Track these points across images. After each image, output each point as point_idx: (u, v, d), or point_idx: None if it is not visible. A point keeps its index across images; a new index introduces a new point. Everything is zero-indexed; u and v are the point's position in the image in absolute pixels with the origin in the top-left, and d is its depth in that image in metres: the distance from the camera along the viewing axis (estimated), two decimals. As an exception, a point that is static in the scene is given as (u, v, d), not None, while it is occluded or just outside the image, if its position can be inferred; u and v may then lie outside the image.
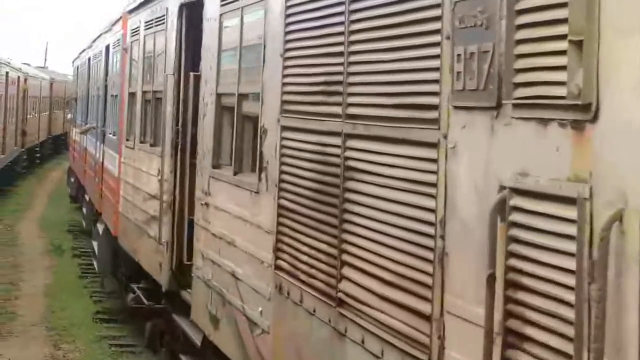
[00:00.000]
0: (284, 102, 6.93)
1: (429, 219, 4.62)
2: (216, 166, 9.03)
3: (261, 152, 7.44)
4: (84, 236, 26.01)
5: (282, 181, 6.92)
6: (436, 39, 4.61)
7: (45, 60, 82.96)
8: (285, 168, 6.87)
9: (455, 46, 4.41)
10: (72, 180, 33.67)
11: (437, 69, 4.59)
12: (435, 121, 4.59)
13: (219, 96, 9.00)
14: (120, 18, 16.75)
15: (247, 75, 8.15)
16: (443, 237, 4.48)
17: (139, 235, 13.04)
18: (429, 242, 4.61)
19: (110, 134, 18.23)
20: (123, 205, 14.68)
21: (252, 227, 7.66)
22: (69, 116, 38.14)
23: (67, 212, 32.46)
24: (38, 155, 49.41)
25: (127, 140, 14.57)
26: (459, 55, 4.37)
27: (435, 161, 4.58)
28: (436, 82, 4.60)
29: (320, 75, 6.21)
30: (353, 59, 5.67)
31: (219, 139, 9.02)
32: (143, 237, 12.72)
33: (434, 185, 4.58)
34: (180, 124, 10.92)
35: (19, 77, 38.01)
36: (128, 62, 14.74)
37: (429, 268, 4.61)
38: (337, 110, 5.85)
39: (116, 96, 17.40)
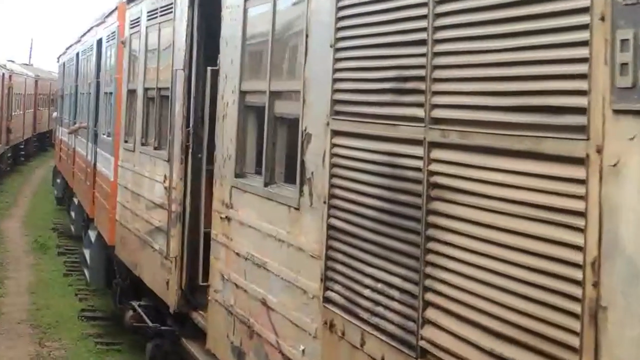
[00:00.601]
0: (335, 102, 5.81)
1: (571, 258, 3.51)
2: (240, 174, 7.91)
3: (302, 161, 6.32)
4: (71, 240, 25.19)
5: (333, 196, 5.79)
6: (582, 19, 3.50)
7: (30, 57, 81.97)
8: (337, 181, 5.75)
9: (617, 29, 3.29)
10: (58, 181, 32.42)
11: (583, 60, 3.48)
12: (582, 129, 3.47)
13: (243, 94, 7.87)
14: (115, 9, 15.57)
15: (281, 70, 7.03)
16: (596, 285, 3.37)
17: (140, 247, 11.89)
18: (573, 290, 3.49)
19: (104, 134, 17.05)
20: (120, 212, 13.52)
21: (290, 248, 6.54)
22: (54, 114, 36.87)
23: (51, 209, 32.17)
24: (22, 152, 49.10)
25: (126, 141, 13.41)
26: (624, 41, 3.25)
27: (582, 182, 3.47)
28: (582, 76, 3.49)
29: (390, 69, 5.09)
30: (441, 48, 4.55)
31: (242, 143, 7.90)
32: (145, 249, 11.57)
33: (580, 214, 3.47)
34: (191, 124, 9.78)
35: (3, 74, 37.65)
36: (126, 56, 13.58)
37: (573, 324, 3.49)
38: (416, 112, 4.74)
39: (110, 93, 16.23)
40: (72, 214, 25.47)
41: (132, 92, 13.25)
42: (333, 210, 5.78)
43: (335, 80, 5.82)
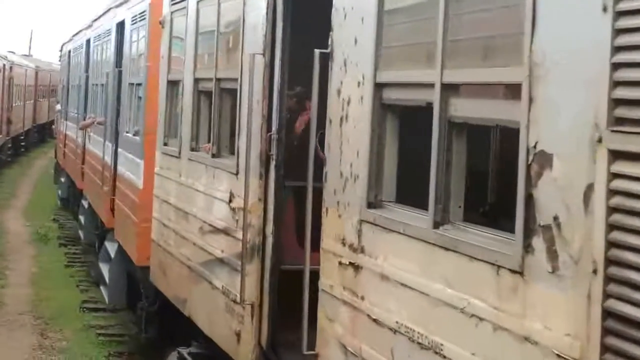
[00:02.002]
0: (616, 103, 3.44)
1: None
2: (375, 204, 5.52)
3: (529, 197, 3.94)
4: (72, 231, 25.06)
5: (615, 263, 3.43)
6: None
7: (30, 47, 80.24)
8: (625, 238, 3.38)
9: None
10: (63, 180, 30.08)
11: None
12: None
13: (379, 87, 5.48)
14: (146, -16, 13.18)
15: (466, 49, 4.64)
16: None
17: (191, 280, 9.49)
18: None
19: (128, 132, 14.65)
20: (159, 230, 11.11)
21: (500, 334, 4.15)
22: (58, 107, 34.43)
23: (52, 200, 31.87)
24: (23, 143, 48.83)
25: (165, 144, 10.98)
26: None
27: None
28: None
29: None
30: None
31: (379, 159, 5.52)
32: (199, 284, 9.18)
33: None
34: (274, 128, 7.39)
35: (4, 65, 37.13)
36: (165, 40, 11.15)
37: None
38: None
39: (138, 85, 13.83)
40: (81, 219, 23.17)
41: (174, 84, 10.82)
42: (616, 287, 3.41)
43: (617, 67, 3.45)
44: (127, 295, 15.61)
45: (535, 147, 3.93)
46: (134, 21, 14.39)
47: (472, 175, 4.84)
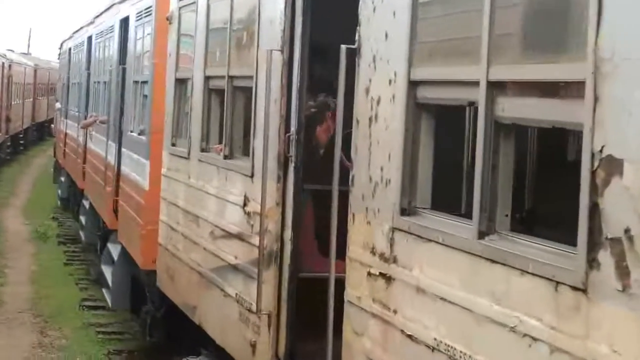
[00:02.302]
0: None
1: None
2: (408, 211, 5.15)
3: (593, 207, 3.57)
4: (72, 230, 25.03)
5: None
6: None
7: (29, 46, 79.99)
8: None
9: None
10: (62, 179, 29.67)
11: None
12: None
13: (414, 85, 5.11)
14: (152, -22, 12.79)
15: (519, 46, 4.26)
16: None
17: (202, 286, 9.11)
18: None
19: (133, 131, 14.27)
20: (167, 234, 10.73)
21: (558, 356, 3.78)
22: (57, 105, 34.01)
23: (51, 199, 31.76)
24: (22, 141, 48.87)
25: (173, 144, 10.60)
26: None
27: None
28: None
29: None
30: None
31: (413, 163, 5.15)
32: (210, 291, 8.80)
33: None
34: (293, 128, 7.02)
35: (2, 63, 37.14)
36: (173, 36, 10.77)
37: None
38: None
39: (144, 82, 13.44)
40: (82, 219, 22.77)
41: (182, 82, 10.45)
42: None
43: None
44: (131, 299, 15.28)
45: (601, 151, 3.56)
46: (139, 17, 14.00)
47: (520, 180, 4.45)
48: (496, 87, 4.33)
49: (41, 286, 18.61)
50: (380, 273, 5.37)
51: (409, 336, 5.01)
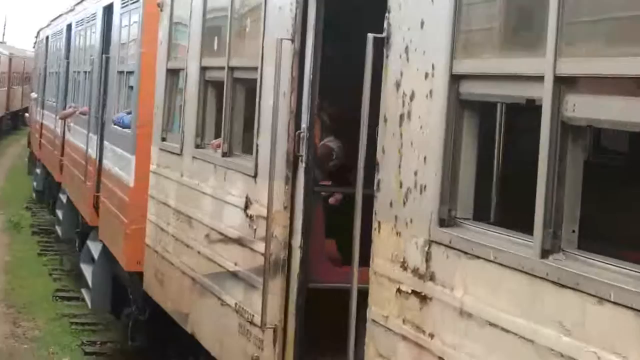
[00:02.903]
0: None
1: None
2: (447, 222, 4.57)
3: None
4: (47, 221, 24.90)
5: None
6: None
7: (3, 34, 79.32)
8: None
9: None
10: (38, 171, 28.94)
11: None
12: None
13: (455, 79, 4.53)
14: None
15: (594, 35, 3.69)
16: None
17: (196, 293, 8.51)
18: None
19: (117, 123, 13.61)
20: (154, 235, 10.13)
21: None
22: (33, 95, 33.23)
23: (25, 189, 31.58)
24: None
25: (164, 139, 9.99)
26: None
27: None
28: None
29: None
30: None
31: (454, 167, 4.57)
32: (205, 299, 8.21)
33: None
34: (304, 125, 6.43)
35: None
36: (164, 24, 10.14)
37: None
38: None
39: (130, 73, 12.81)
40: (59, 213, 22.07)
41: (174, 73, 9.84)
42: None
43: None
44: (112, 300, 14.67)
45: None
46: (125, 4, 13.36)
47: (588, 192, 3.88)
48: (565, 83, 3.75)
49: (14, 276, 18.59)
50: (413, 291, 4.79)
51: (452, 365, 4.44)
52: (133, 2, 12.64)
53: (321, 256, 6.87)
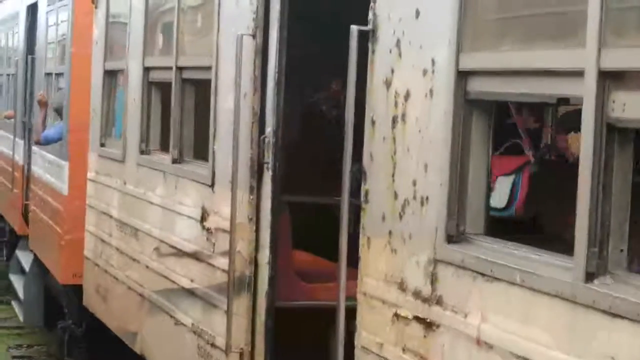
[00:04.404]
0: None
1: None
2: (455, 238, 4.01)
3: None
4: None
5: None
6: None
7: None
8: None
9: None
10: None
11: None
12: None
13: (462, 76, 3.96)
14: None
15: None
16: None
17: (145, 311, 7.86)
18: None
19: (44, 143, 12.83)
20: (94, 247, 9.44)
21: None
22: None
23: None
24: None
25: (103, 145, 9.29)
26: None
27: None
28: None
29: None
30: None
31: (462, 176, 4.01)
32: (157, 318, 7.57)
33: None
34: (270, 129, 5.82)
35: None
36: (100, 21, 9.44)
37: None
38: None
39: (59, 75, 12.07)
40: (-17, 222, 21.20)
41: (112, 74, 9.16)
42: None
43: None
44: (45, 313, 14.00)
45: None
46: (52, 1, 12.59)
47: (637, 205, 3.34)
48: (611, 79, 3.20)
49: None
50: (416, 317, 4.22)
51: (462, 400, 3.88)
52: (61, 0, 11.90)
53: (289, 271, 6.28)
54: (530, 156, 4.72)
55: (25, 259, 14.47)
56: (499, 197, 4.58)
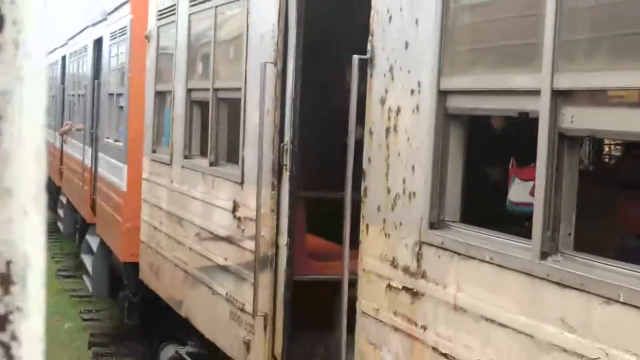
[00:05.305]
0: None
1: None
2: (437, 225, 3.99)
3: None
4: (54, 231, 22.30)
5: None
6: None
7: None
8: None
9: None
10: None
11: None
12: None
13: (443, 95, 3.94)
14: (126, 2, 11.40)
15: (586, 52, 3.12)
16: None
17: (188, 283, 7.84)
18: None
19: (108, 138, 12.86)
20: (148, 233, 9.42)
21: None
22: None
23: None
24: None
25: (154, 151, 9.28)
26: None
27: None
28: None
29: None
30: None
31: (442, 175, 3.99)
32: (197, 288, 7.55)
33: None
34: (287, 138, 5.80)
35: None
36: (152, 53, 9.44)
37: None
38: None
39: (119, 95, 12.06)
40: (60, 212, 21.23)
41: (162, 94, 9.14)
42: None
43: None
44: (109, 285, 13.98)
45: None
46: (113, 37, 12.58)
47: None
48: (561, 96, 3.19)
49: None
50: (404, 287, 4.20)
51: (444, 354, 3.86)
52: (121, 35, 11.89)
53: (303, 252, 6.25)
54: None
55: (93, 242, 14.45)
56: (519, 195, 4.46)
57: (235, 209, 6.60)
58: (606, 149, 6.48)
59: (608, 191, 4.67)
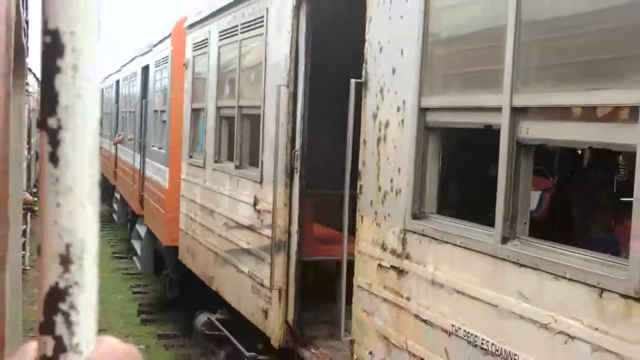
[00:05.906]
0: None
1: None
2: (418, 216, 3.98)
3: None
4: (109, 221, 22.47)
5: None
6: None
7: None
8: None
9: None
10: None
11: None
12: None
13: (423, 112, 3.93)
14: (168, 36, 11.40)
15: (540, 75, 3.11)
16: None
17: (218, 263, 7.84)
18: None
19: (154, 146, 12.86)
20: (186, 223, 9.42)
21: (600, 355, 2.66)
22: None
23: None
24: None
25: (191, 157, 9.28)
26: None
27: None
28: None
29: None
30: None
31: (421, 175, 3.97)
32: (225, 267, 7.55)
33: None
34: (297, 146, 5.80)
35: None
36: (189, 77, 9.43)
37: None
38: None
39: (162, 111, 12.06)
40: (115, 206, 21.21)
41: (196, 111, 9.14)
42: None
43: None
44: (154, 265, 13.99)
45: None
46: (158, 65, 12.59)
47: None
48: (519, 112, 3.18)
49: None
50: (392, 266, 4.19)
51: (425, 321, 3.85)
52: (163, 63, 11.89)
53: (311, 237, 6.24)
54: (551, 182, 4.66)
55: (141, 229, 14.44)
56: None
57: (255, 203, 6.60)
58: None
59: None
